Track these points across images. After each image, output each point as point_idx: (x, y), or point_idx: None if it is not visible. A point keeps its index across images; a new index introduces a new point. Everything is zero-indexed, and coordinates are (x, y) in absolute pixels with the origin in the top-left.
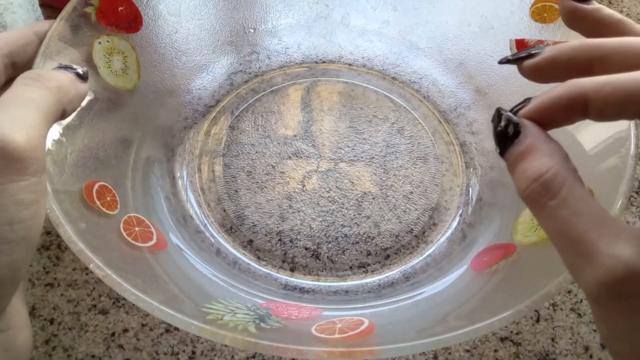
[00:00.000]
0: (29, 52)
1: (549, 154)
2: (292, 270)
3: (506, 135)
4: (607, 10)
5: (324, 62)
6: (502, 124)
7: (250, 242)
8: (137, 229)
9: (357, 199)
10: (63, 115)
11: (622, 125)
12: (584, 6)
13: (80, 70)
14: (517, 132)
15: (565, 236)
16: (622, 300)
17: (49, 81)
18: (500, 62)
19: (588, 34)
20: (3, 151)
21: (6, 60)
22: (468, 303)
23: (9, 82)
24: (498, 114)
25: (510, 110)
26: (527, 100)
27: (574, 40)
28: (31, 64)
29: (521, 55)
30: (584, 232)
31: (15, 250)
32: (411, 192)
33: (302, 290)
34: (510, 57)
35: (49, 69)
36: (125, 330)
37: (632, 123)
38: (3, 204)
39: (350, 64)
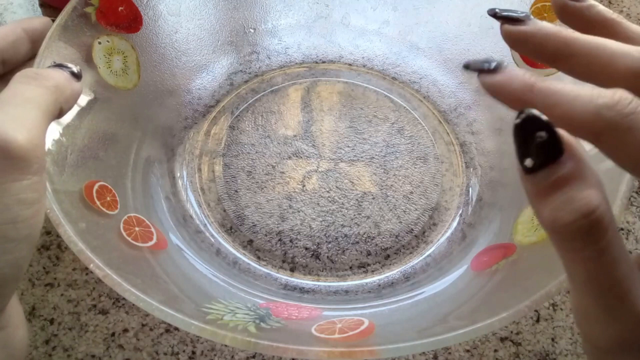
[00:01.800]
0: (18, 49)
1: (596, 185)
2: (292, 270)
3: (544, 149)
4: (600, 8)
5: (324, 62)
6: (544, 135)
7: (250, 242)
8: (137, 229)
9: (357, 199)
10: (59, 113)
11: None
12: (576, 3)
13: (74, 69)
14: (560, 149)
15: (598, 283)
16: (632, 353)
17: (47, 80)
18: (488, 12)
19: (580, 30)
20: (5, 150)
21: None
22: (468, 303)
23: (0, 78)
24: (533, 120)
25: (469, 67)
26: (491, 63)
27: (552, 26)
28: (21, 62)
29: (509, 16)
30: (617, 284)
31: (19, 249)
32: (411, 192)
33: (302, 290)
34: (497, 11)
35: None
36: (125, 330)
37: None
38: (6, 203)
39: (350, 64)
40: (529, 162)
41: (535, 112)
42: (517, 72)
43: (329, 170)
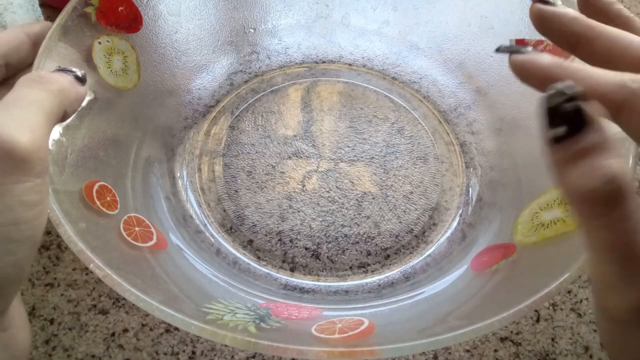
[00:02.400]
0: (21, 53)
1: (620, 155)
2: (292, 270)
3: (570, 119)
4: (619, 5)
5: (324, 62)
6: (570, 105)
7: (250, 242)
8: (137, 229)
9: (357, 199)
10: (63, 117)
11: None
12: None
13: (79, 73)
14: (586, 120)
15: (618, 251)
16: None
17: (51, 83)
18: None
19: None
20: (9, 153)
21: (0, 61)
22: (468, 303)
23: (2, 83)
24: (561, 92)
25: (505, 49)
26: (524, 47)
27: (577, 12)
28: (24, 65)
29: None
30: (637, 252)
31: (21, 250)
32: (411, 192)
33: (302, 290)
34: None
35: (49, 69)
36: (125, 330)
37: None
38: (9, 205)
39: (350, 64)
40: (555, 131)
41: (564, 85)
42: (545, 54)
43: (329, 170)
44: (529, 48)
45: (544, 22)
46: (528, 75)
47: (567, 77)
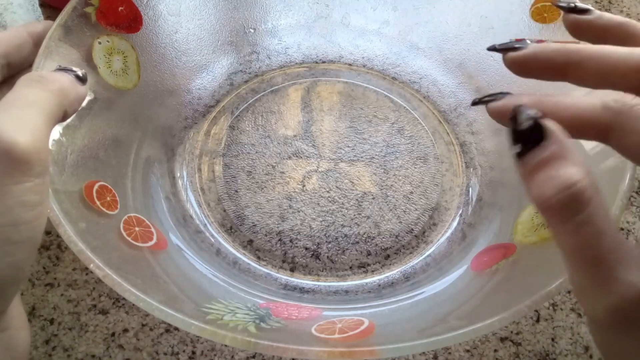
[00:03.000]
0: (23, 52)
1: (577, 164)
2: (292, 270)
3: (528, 136)
4: (607, 16)
5: (324, 62)
6: (526, 123)
7: (250, 242)
8: (137, 229)
9: (357, 199)
10: (64, 117)
11: None
12: (585, 17)
13: (79, 73)
14: (541, 134)
15: (584, 256)
16: (629, 326)
17: (51, 83)
18: (488, 49)
19: (595, 41)
20: (9, 153)
21: (2, 60)
22: (468, 303)
23: (4, 82)
24: (520, 111)
25: (479, 101)
26: (500, 94)
27: (554, 44)
28: (26, 65)
29: (507, 47)
30: (603, 255)
31: (20, 251)
32: (411, 192)
33: (302, 290)
34: (497, 46)
35: (49, 69)
36: (125, 330)
37: None
38: (9, 205)
39: (350, 64)
40: (517, 147)
41: (526, 107)
42: (521, 95)
43: (329, 170)
44: (501, 94)
45: (524, 67)
46: (503, 122)
47: (549, 111)
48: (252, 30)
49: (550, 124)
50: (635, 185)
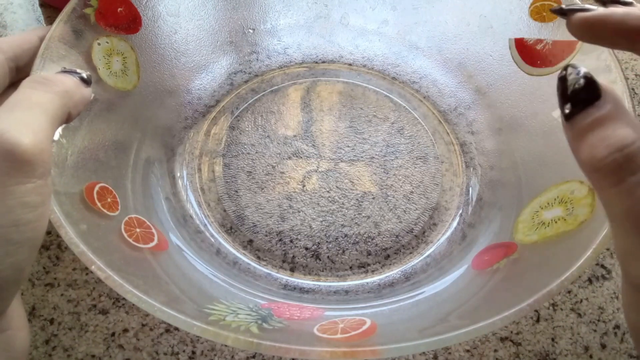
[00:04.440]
0: (33, 56)
1: (631, 124)
2: (292, 270)
3: (580, 95)
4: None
5: (323, 62)
6: (581, 81)
7: (250, 242)
8: (138, 230)
9: (357, 199)
10: (68, 119)
11: None
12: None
13: (84, 75)
14: (596, 94)
15: (636, 219)
16: None
17: (56, 85)
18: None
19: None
20: (11, 154)
21: (12, 64)
22: (469, 302)
23: (13, 85)
24: (573, 69)
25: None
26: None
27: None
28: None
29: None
30: None
31: (21, 251)
32: (411, 192)
33: (302, 290)
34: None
35: (48, 70)
36: (125, 330)
37: None
38: (10, 206)
39: (350, 64)
40: (568, 107)
41: (575, 64)
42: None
43: (329, 170)
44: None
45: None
46: (602, 33)
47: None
48: (251, 31)
49: (603, 83)
50: None
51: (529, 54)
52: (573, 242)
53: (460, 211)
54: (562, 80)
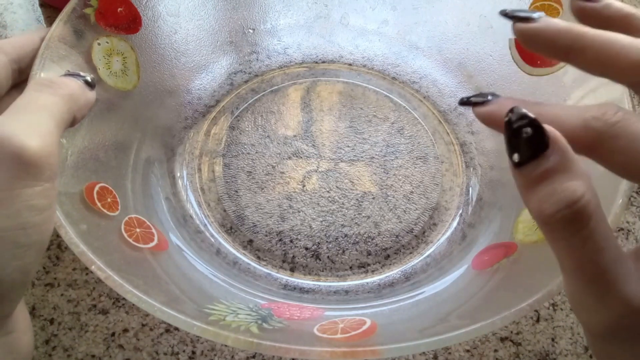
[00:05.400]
0: (35, 57)
1: (579, 175)
2: (292, 270)
3: (530, 144)
4: (616, 5)
5: (323, 62)
6: (529, 130)
7: (250, 242)
8: (138, 230)
9: (357, 199)
10: (73, 122)
11: None
12: (593, 4)
13: (88, 78)
14: (544, 144)
15: (585, 271)
16: (625, 340)
17: (61, 88)
18: (500, 13)
19: (601, 29)
20: (19, 157)
21: (14, 65)
22: (469, 302)
23: (16, 86)
24: (521, 116)
25: (467, 101)
26: (487, 95)
27: (563, 22)
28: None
29: (517, 15)
30: (603, 271)
31: (28, 254)
32: (411, 192)
33: (302, 290)
34: (508, 12)
35: (48, 70)
36: (125, 330)
37: None
38: (18, 209)
39: (350, 64)
40: (516, 156)
41: (523, 109)
42: (507, 100)
43: (329, 170)
44: (487, 96)
45: (528, 41)
46: (496, 126)
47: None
48: (251, 31)
49: (553, 131)
50: (635, 185)
51: (529, 54)
52: None
53: (460, 211)
54: (509, 126)
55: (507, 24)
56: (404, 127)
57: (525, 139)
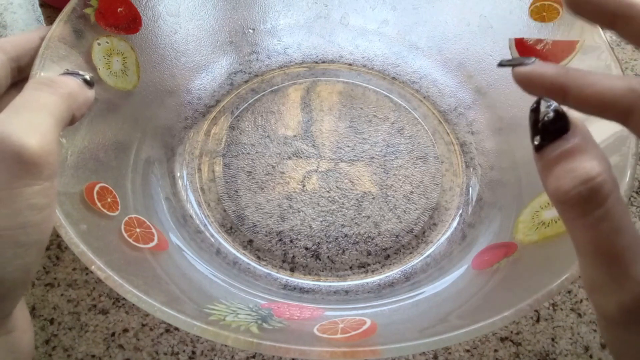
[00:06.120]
0: (34, 56)
1: (598, 157)
2: (292, 270)
3: (550, 128)
4: None
5: (324, 62)
6: (551, 115)
7: (250, 242)
8: (138, 230)
9: (357, 199)
10: (72, 121)
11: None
12: None
13: (87, 77)
14: (565, 127)
15: (600, 252)
16: (637, 323)
17: (61, 87)
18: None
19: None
20: (19, 156)
21: (13, 64)
22: (469, 302)
23: (15, 85)
24: (544, 102)
25: (507, 63)
26: (528, 59)
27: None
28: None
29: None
30: (619, 252)
31: (28, 253)
32: (411, 192)
33: (302, 290)
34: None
35: (48, 69)
36: (125, 330)
37: None
38: (18, 208)
39: (350, 64)
40: (537, 139)
41: (547, 99)
42: (548, 63)
43: (329, 170)
44: (532, 59)
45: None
46: (534, 86)
47: (573, 85)
48: (251, 31)
49: (573, 115)
50: (635, 185)
51: (529, 54)
52: None
53: (460, 211)
54: (534, 112)
55: (507, 24)
56: (404, 127)
57: (547, 122)
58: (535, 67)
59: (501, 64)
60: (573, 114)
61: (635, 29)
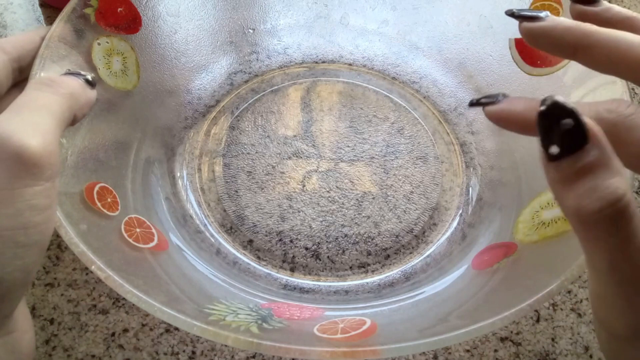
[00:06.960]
0: (35, 56)
1: (620, 173)
2: (292, 270)
3: (570, 137)
4: (616, 9)
5: (324, 62)
6: (569, 122)
7: (250, 242)
8: (138, 230)
9: (357, 199)
10: (73, 121)
11: None
12: (593, 8)
13: (89, 77)
14: (584, 136)
15: (618, 270)
16: None
17: (62, 87)
18: (506, 13)
19: None
20: (20, 156)
21: (14, 64)
22: (469, 302)
23: (16, 85)
24: (558, 107)
25: (477, 102)
26: (498, 96)
27: (570, 21)
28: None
29: (527, 15)
30: (637, 272)
31: (29, 254)
32: (411, 192)
33: (302, 290)
34: (515, 11)
35: (48, 70)
36: (125, 330)
37: None
38: (19, 209)
39: (350, 64)
40: (554, 149)
41: (560, 98)
42: (519, 98)
43: (329, 170)
44: (500, 95)
45: (536, 39)
46: (507, 124)
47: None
48: (251, 31)
49: (592, 125)
50: (635, 185)
51: (529, 54)
52: (573, 242)
53: (460, 211)
54: (545, 117)
55: (507, 24)
56: (404, 127)
57: (565, 131)
58: (504, 105)
59: (471, 104)
60: (588, 119)
61: (595, 59)
